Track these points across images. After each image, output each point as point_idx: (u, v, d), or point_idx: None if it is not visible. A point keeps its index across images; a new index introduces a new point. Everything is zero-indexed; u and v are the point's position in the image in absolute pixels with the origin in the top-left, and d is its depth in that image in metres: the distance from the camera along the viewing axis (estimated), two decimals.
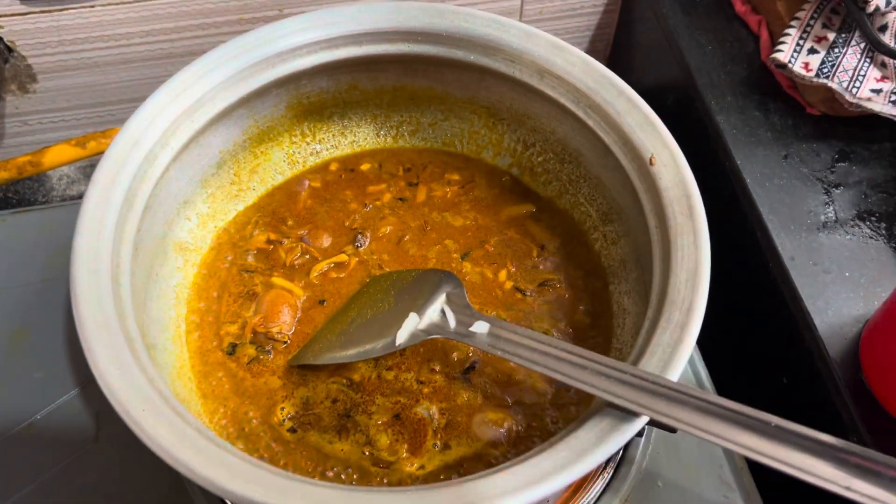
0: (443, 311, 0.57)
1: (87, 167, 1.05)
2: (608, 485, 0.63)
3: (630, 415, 0.47)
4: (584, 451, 0.45)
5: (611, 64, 1.07)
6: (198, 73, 0.61)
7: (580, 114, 0.63)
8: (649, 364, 0.49)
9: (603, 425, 0.46)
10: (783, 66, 0.78)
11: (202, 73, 0.61)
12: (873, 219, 0.72)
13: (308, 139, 0.73)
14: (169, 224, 0.64)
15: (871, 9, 0.74)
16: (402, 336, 0.56)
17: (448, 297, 0.58)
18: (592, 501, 0.63)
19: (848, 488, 0.39)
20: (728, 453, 0.65)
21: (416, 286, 0.61)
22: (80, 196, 1.02)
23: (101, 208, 0.54)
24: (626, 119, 0.60)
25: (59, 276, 0.74)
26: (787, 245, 0.70)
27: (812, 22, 0.79)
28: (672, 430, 0.61)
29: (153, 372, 0.50)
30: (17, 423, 0.66)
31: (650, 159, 0.58)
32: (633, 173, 0.59)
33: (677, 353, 0.49)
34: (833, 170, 0.75)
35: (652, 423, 0.47)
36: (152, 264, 0.61)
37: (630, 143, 0.59)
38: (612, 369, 0.48)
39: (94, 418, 0.67)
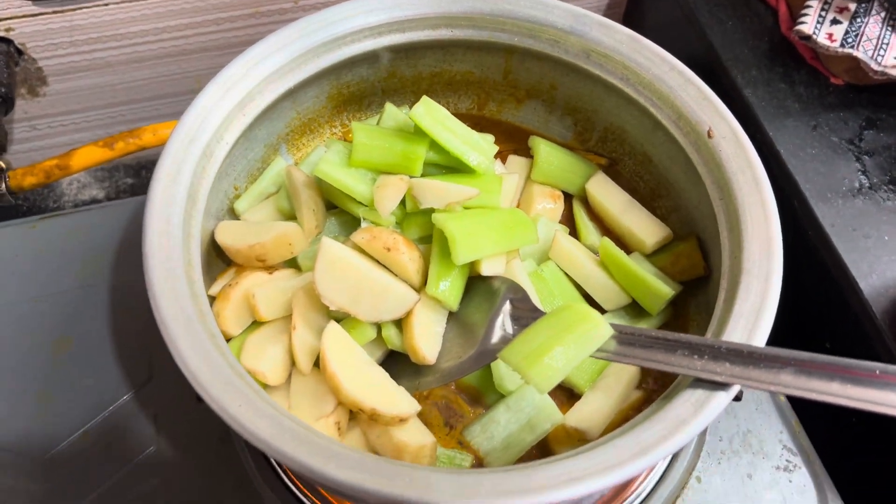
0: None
1: (98, 171, 1.03)
2: (675, 455, 0.64)
3: (720, 385, 0.47)
4: (682, 423, 0.46)
5: None
6: (245, 67, 0.60)
7: (629, 91, 0.63)
8: (734, 333, 0.49)
9: (697, 397, 0.47)
10: (807, 38, 0.79)
11: (250, 66, 0.60)
12: None
13: (347, 130, 0.72)
14: (220, 220, 0.63)
15: None
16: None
17: (512, 304, 0.57)
18: (661, 471, 0.63)
19: None
20: (785, 419, 0.66)
21: (466, 304, 0.59)
22: (94, 200, 1.00)
23: (168, 206, 0.53)
24: (679, 94, 0.61)
25: (97, 282, 0.73)
26: (827, 213, 0.72)
27: None
28: (737, 398, 0.62)
29: (240, 368, 0.49)
30: (74, 431, 0.65)
31: (708, 132, 0.58)
32: (689, 147, 0.60)
33: (761, 321, 0.50)
34: (862, 137, 0.77)
35: None
36: (209, 259, 0.61)
37: (685, 118, 0.60)
38: (702, 346, 0.48)
39: (152, 421, 0.66)
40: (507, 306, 0.56)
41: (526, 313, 0.55)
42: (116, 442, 0.65)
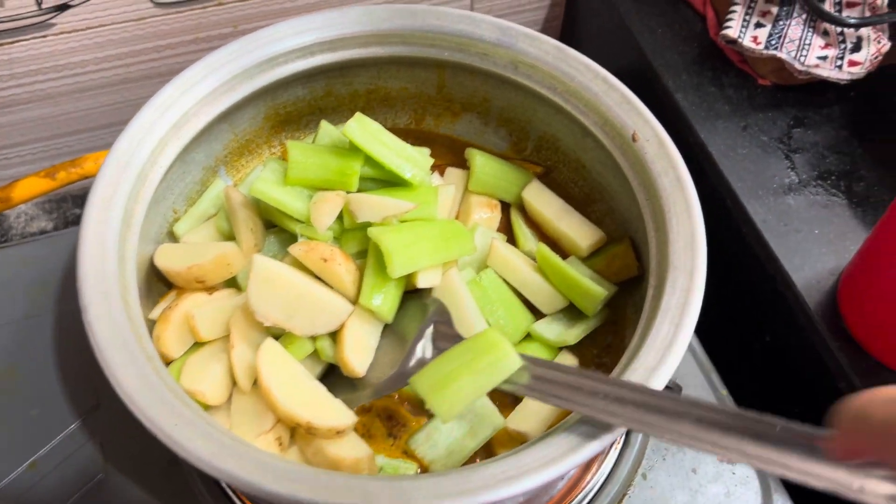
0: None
1: (46, 203, 1.02)
2: (621, 454, 0.65)
3: (607, 425, 0.46)
4: (552, 460, 0.45)
5: None
6: (181, 89, 0.61)
7: (557, 100, 0.65)
8: (661, 327, 0.51)
9: (582, 431, 0.46)
10: (733, 42, 0.81)
11: (185, 88, 0.61)
12: (833, 178, 0.76)
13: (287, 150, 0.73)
14: (159, 244, 0.63)
15: None
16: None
17: (436, 327, 0.57)
18: (608, 470, 0.64)
19: (860, 490, 0.36)
20: None
21: (402, 318, 0.59)
22: (42, 232, 1.00)
23: (102, 230, 0.54)
24: (604, 100, 0.62)
25: (42, 311, 0.73)
26: (758, 210, 0.74)
27: None
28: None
29: (178, 389, 0.49)
30: (20, 463, 0.65)
31: (633, 136, 0.60)
32: (616, 151, 0.62)
33: (687, 315, 0.51)
34: (790, 136, 0.79)
35: None
36: (150, 283, 0.61)
37: (610, 123, 0.62)
38: (605, 391, 0.47)
39: (99, 449, 0.66)
40: (430, 329, 0.57)
41: (447, 338, 0.56)
42: (65, 471, 0.65)
